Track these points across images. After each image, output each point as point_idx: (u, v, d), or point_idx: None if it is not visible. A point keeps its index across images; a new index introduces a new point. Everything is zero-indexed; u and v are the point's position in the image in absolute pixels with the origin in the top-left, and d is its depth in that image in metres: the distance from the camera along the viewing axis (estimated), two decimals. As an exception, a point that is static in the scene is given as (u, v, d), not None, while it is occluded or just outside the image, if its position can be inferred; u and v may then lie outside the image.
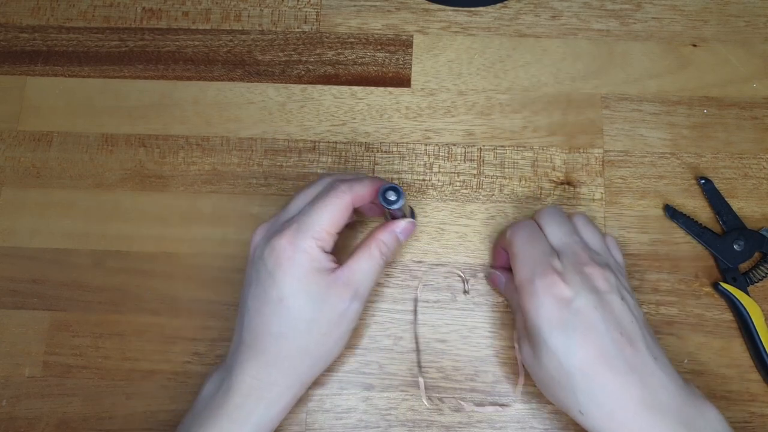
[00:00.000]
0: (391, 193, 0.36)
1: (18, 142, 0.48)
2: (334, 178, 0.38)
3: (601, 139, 0.48)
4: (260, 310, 0.35)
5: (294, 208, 0.37)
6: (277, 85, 0.49)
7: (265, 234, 0.37)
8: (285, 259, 0.34)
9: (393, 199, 0.36)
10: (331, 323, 0.36)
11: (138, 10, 0.51)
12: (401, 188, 0.36)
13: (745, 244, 0.44)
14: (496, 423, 0.42)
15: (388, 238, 0.38)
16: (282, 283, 0.34)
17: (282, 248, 0.35)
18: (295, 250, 0.35)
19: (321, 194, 0.37)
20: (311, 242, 0.35)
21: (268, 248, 0.35)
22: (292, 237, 0.35)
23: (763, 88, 0.48)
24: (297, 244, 0.35)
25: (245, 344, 0.36)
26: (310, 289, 0.35)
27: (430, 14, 0.50)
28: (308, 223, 0.35)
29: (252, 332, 0.35)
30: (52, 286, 0.45)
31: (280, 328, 0.35)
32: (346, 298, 0.36)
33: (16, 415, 0.43)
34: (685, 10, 0.50)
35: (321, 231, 0.35)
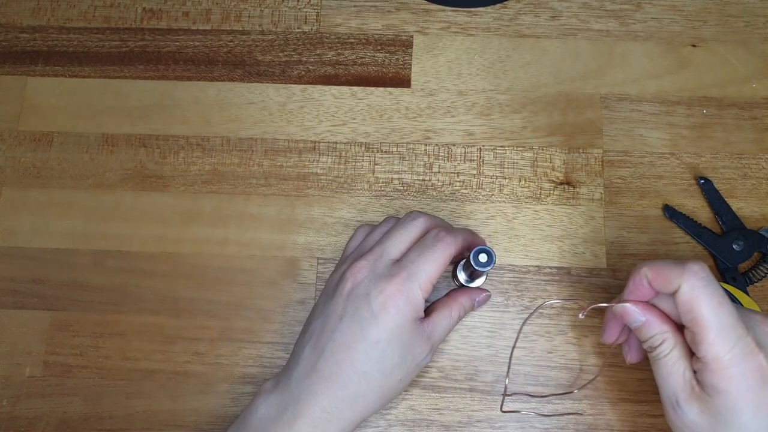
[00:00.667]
0: (483, 256, 0.38)
1: (18, 142, 0.48)
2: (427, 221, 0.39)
3: (601, 139, 0.48)
4: (352, 346, 0.35)
5: (394, 249, 0.38)
6: (277, 85, 0.49)
7: (370, 274, 0.37)
8: (392, 305, 0.35)
9: (484, 261, 0.38)
10: (408, 370, 0.37)
11: (138, 10, 0.51)
12: (494, 252, 0.38)
13: (745, 244, 0.44)
14: (495, 423, 0.42)
15: (468, 304, 0.41)
16: (383, 327, 0.35)
17: (391, 294, 0.35)
18: (402, 298, 0.36)
19: (428, 243, 0.37)
20: (418, 293, 0.36)
21: (376, 289, 0.36)
22: (401, 285, 0.36)
23: (762, 88, 0.48)
24: (405, 292, 0.36)
25: (322, 376, 0.35)
26: (404, 337, 0.36)
27: (430, 14, 0.51)
28: (418, 273, 0.36)
29: (335, 366, 0.35)
30: (52, 286, 0.45)
31: (368, 368, 0.35)
32: (426, 350, 0.37)
33: (16, 414, 0.43)
34: (684, 11, 0.50)
35: (427, 282, 0.36)
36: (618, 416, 0.42)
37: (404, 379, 0.37)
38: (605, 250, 0.45)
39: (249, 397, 0.43)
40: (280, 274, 0.45)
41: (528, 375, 0.43)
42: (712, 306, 0.31)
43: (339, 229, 0.46)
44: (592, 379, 0.42)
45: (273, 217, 0.46)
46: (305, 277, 0.45)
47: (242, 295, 0.45)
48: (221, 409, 0.43)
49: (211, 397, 0.43)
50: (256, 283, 0.45)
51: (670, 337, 0.34)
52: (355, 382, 0.35)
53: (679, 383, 0.33)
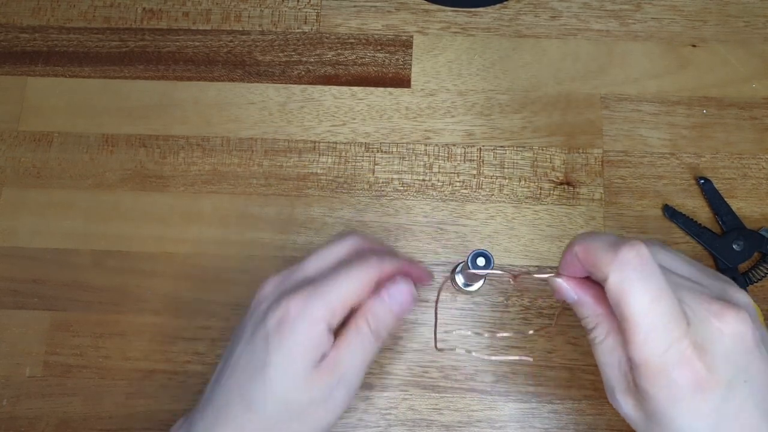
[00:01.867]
0: (481, 259, 0.35)
1: (18, 143, 0.48)
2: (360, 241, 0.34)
3: (601, 139, 0.48)
4: (242, 373, 0.31)
5: (312, 267, 0.33)
6: (277, 85, 0.49)
7: (275, 289, 0.33)
8: (287, 325, 0.30)
9: (481, 265, 0.35)
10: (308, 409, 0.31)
11: (138, 10, 0.51)
12: (491, 255, 0.35)
13: (745, 244, 0.44)
14: (495, 423, 0.42)
15: (380, 310, 0.32)
16: (274, 350, 0.30)
17: (289, 311, 0.30)
18: (300, 317, 0.30)
19: (347, 261, 0.32)
20: (322, 312, 0.30)
21: (274, 306, 0.31)
22: (303, 301, 0.30)
23: (762, 89, 0.48)
24: (306, 310, 0.30)
25: (213, 405, 0.32)
26: (298, 367, 0.30)
27: (430, 15, 0.51)
28: (325, 289, 0.31)
29: (224, 394, 0.31)
30: (52, 286, 0.45)
31: (254, 399, 0.30)
32: (328, 384, 0.31)
33: (16, 414, 0.43)
34: (684, 11, 0.50)
35: (335, 302, 0.31)
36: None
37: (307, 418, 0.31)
38: (605, 250, 0.45)
39: (249, 397, 0.43)
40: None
41: (528, 375, 0.43)
42: (644, 302, 0.26)
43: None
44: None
45: (273, 217, 0.46)
46: (305, 277, 0.45)
47: (242, 295, 0.45)
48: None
49: (211, 397, 0.43)
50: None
51: (603, 322, 0.29)
52: (240, 415, 0.31)
53: (614, 375, 0.29)
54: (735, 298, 0.28)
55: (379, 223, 0.46)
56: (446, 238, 0.46)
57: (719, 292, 0.28)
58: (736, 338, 0.27)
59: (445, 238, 0.46)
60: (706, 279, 0.29)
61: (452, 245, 0.45)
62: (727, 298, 0.28)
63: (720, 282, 0.29)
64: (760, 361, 0.27)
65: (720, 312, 0.27)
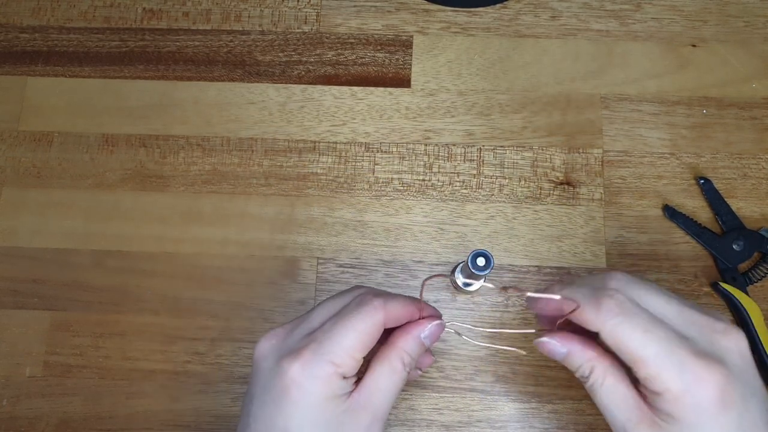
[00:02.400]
0: (481, 260, 0.35)
1: (18, 142, 0.48)
2: (366, 289, 0.33)
3: (601, 139, 0.48)
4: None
5: (316, 319, 0.32)
6: (277, 85, 0.49)
7: (277, 348, 0.31)
8: (295, 388, 0.29)
9: (482, 265, 0.35)
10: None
11: (138, 10, 0.51)
12: (491, 256, 0.35)
13: (745, 244, 0.44)
14: (495, 423, 0.42)
15: (412, 347, 0.32)
16: (289, 415, 0.29)
17: (293, 376, 0.29)
18: (308, 378, 0.29)
19: (349, 307, 0.31)
20: (328, 368, 0.29)
21: (277, 369, 0.30)
22: (306, 361, 0.29)
23: (762, 89, 0.48)
24: (311, 370, 0.29)
25: None
26: (322, 420, 0.29)
27: (430, 15, 0.51)
28: (328, 344, 0.29)
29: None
30: (52, 286, 0.45)
31: None
32: (362, 424, 0.30)
33: (16, 414, 0.43)
34: (684, 11, 0.50)
35: (343, 355, 0.29)
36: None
37: None
38: (605, 250, 0.45)
39: (249, 397, 0.43)
40: (280, 274, 0.45)
41: (528, 375, 0.43)
42: (637, 336, 0.28)
43: (339, 229, 0.46)
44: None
45: (273, 217, 0.46)
46: (305, 277, 0.45)
47: (242, 295, 0.45)
48: (221, 409, 0.43)
49: (211, 397, 0.43)
50: (256, 283, 0.45)
51: (597, 365, 0.30)
52: None
53: (623, 413, 0.29)
54: (725, 320, 0.29)
55: (379, 223, 0.46)
56: (446, 238, 0.46)
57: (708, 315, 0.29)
58: (740, 354, 0.28)
59: (445, 238, 0.46)
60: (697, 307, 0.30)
61: (452, 245, 0.45)
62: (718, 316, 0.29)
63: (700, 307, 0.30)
64: (757, 377, 0.28)
65: (725, 331, 0.28)
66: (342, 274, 0.45)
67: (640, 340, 0.27)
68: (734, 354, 0.28)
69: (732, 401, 0.27)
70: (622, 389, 0.29)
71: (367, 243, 0.46)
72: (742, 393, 0.27)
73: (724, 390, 0.27)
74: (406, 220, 0.46)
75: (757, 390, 0.28)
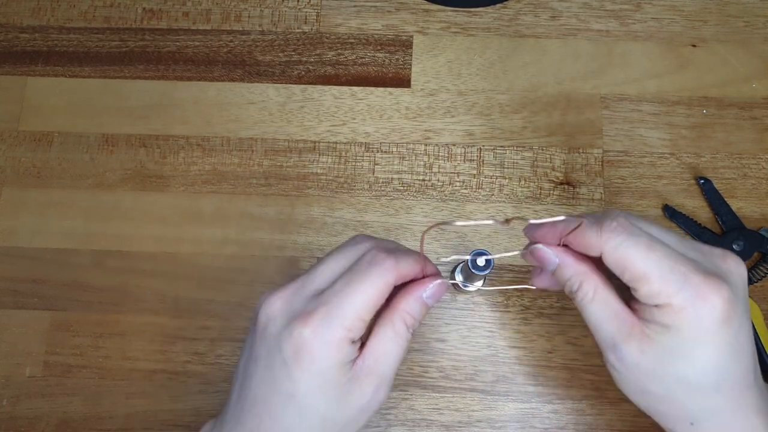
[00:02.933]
0: (481, 260, 0.34)
1: (18, 142, 0.48)
2: (373, 243, 0.32)
3: (601, 139, 0.48)
4: (269, 399, 0.30)
5: (322, 277, 0.31)
6: (277, 85, 0.49)
7: (285, 309, 0.30)
8: (305, 352, 0.29)
9: (482, 265, 0.34)
10: (351, 418, 0.30)
11: (138, 10, 0.51)
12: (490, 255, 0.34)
13: (745, 244, 0.44)
14: (495, 423, 0.42)
15: (415, 308, 0.31)
16: (297, 379, 0.29)
17: (304, 340, 0.28)
18: (318, 343, 0.29)
19: (359, 268, 0.30)
20: (340, 333, 0.29)
21: (286, 333, 0.29)
22: (318, 326, 0.29)
23: (762, 88, 0.48)
24: (322, 335, 0.28)
25: (246, 427, 0.31)
26: (328, 386, 0.29)
27: (430, 15, 0.51)
28: (340, 307, 0.29)
29: (257, 418, 0.30)
30: (52, 286, 0.45)
31: (289, 422, 0.30)
32: (369, 390, 0.30)
33: (16, 414, 0.43)
34: (684, 11, 0.50)
35: (354, 319, 0.29)
36: (618, 416, 0.42)
37: (348, 426, 0.31)
38: (605, 250, 0.45)
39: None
40: (280, 274, 0.45)
41: (528, 375, 0.43)
42: (641, 255, 0.28)
43: (339, 229, 0.46)
44: None
45: (273, 217, 0.46)
46: (305, 277, 0.45)
47: (242, 295, 0.45)
48: (221, 409, 0.43)
49: (211, 397, 0.43)
50: (256, 283, 0.45)
51: (587, 279, 0.30)
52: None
53: (613, 326, 0.30)
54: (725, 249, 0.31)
55: (379, 223, 0.46)
56: (446, 238, 0.46)
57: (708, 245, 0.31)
58: (741, 277, 0.29)
59: (445, 238, 0.46)
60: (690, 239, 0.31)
61: (452, 245, 0.45)
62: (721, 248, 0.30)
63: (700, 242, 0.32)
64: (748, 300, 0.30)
65: (725, 255, 0.29)
66: (342, 274, 0.45)
67: (643, 258, 0.28)
68: (735, 276, 0.29)
69: (731, 319, 0.28)
70: (612, 304, 0.30)
71: (367, 243, 0.46)
72: (741, 313, 0.28)
73: (726, 308, 0.27)
74: (406, 220, 0.46)
75: (748, 312, 0.29)
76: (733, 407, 0.29)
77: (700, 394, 0.29)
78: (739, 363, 0.29)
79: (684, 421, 0.30)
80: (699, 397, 0.29)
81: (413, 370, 0.43)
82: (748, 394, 0.29)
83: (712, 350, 0.28)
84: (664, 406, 0.30)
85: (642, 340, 0.29)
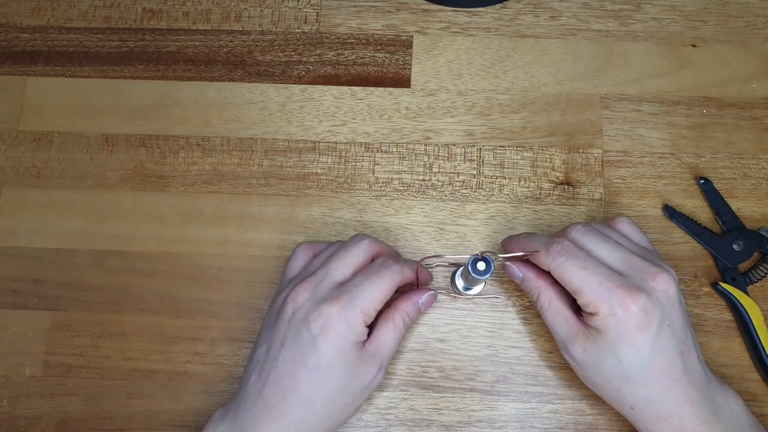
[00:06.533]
0: (481, 264, 0.38)
1: (18, 142, 0.48)
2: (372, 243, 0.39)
3: (601, 139, 0.48)
4: (294, 372, 0.35)
5: (338, 272, 0.38)
6: (277, 85, 0.49)
7: (311, 297, 0.36)
8: (331, 329, 0.35)
9: (482, 269, 0.38)
10: (356, 393, 0.37)
11: (138, 10, 0.51)
12: (492, 259, 0.38)
13: (745, 244, 0.44)
14: (495, 423, 0.42)
15: (411, 309, 0.39)
16: (323, 352, 0.35)
17: (331, 317, 0.35)
18: (342, 322, 0.35)
19: (375, 269, 0.37)
20: (359, 317, 0.36)
21: (315, 312, 0.35)
22: (342, 307, 0.35)
23: (762, 89, 0.48)
24: (346, 315, 0.35)
25: (267, 402, 0.35)
26: (346, 361, 0.36)
27: (430, 15, 0.51)
28: (361, 297, 0.36)
29: (278, 393, 0.35)
30: (52, 286, 0.45)
31: (311, 393, 0.35)
32: (373, 370, 0.37)
33: (16, 414, 0.43)
34: (684, 11, 0.50)
35: (370, 307, 0.36)
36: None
37: (352, 403, 0.37)
38: (605, 250, 0.45)
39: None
40: (280, 274, 0.45)
41: (528, 375, 0.43)
42: (576, 272, 0.36)
43: (339, 229, 0.46)
44: None
45: (273, 217, 0.46)
46: (305, 277, 0.45)
47: (242, 295, 0.45)
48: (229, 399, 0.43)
49: (211, 397, 0.43)
50: (256, 283, 0.45)
51: (544, 291, 0.38)
52: (300, 408, 0.35)
53: (564, 331, 0.38)
54: (662, 264, 0.37)
55: (379, 223, 0.46)
56: (446, 238, 0.46)
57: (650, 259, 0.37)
58: (665, 293, 0.35)
59: (445, 238, 0.46)
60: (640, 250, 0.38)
61: (452, 245, 0.45)
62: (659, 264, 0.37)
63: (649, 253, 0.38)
64: (679, 312, 0.36)
65: (656, 274, 0.36)
66: (342, 274, 0.45)
67: (577, 276, 0.36)
68: (659, 292, 0.35)
69: (648, 325, 0.35)
70: (563, 312, 0.38)
71: (367, 243, 0.46)
72: (659, 322, 0.35)
73: (641, 316, 0.34)
74: (406, 220, 0.46)
75: (674, 323, 0.35)
76: (663, 396, 0.35)
77: (631, 384, 0.35)
78: (662, 359, 0.35)
79: (626, 406, 0.37)
80: (631, 387, 0.36)
81: (413, 370, 0.43)
82: (676, 385, 0.35)
83: (633, 350, 0.35)
84: (608, 393, 0.37)
85: (584, 340, 0.37)
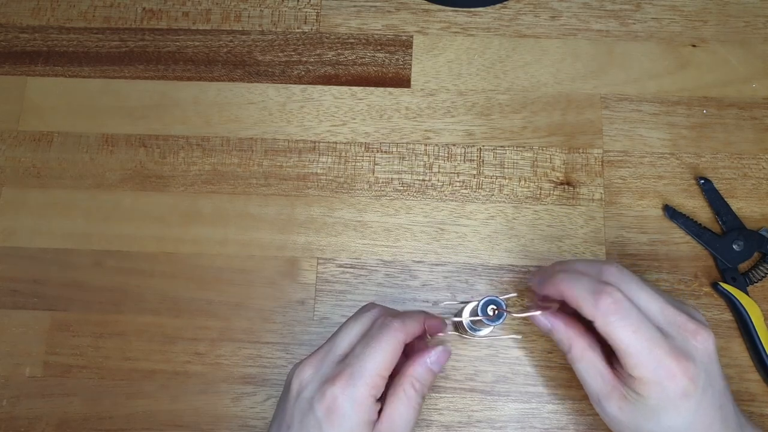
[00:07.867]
0: (492, 308, 0.36)
1: (18, 143, 0.48)
2: (381, 310, 0.37)
3: (601, 139, 0.48)
4: None
5: (343, 343, 0.36)
6: (277, 85, 0.49)
7: (315, 374, 0.35)
8: (336, 412, 0.33)
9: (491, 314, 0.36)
10: None
11: (138, 10, 0.51)
12: (504, 302, 0.36)
13: (745, 244, 0.44)
14: (495, 423, 0.42)
15: (421, 373, 0.36)
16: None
17: (335, 398, 0.33)
18: (347, 402, 0.33)
19: (373, 333, 0.35)
20: (365, 391, 0.33)
21: (319, 394, 0.33)
22: (345, 385, 0.33)
23: (762, 89, 0.48)
24: (351, 394, 0.33)
25: None
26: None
27: (430, 15, 0.51)
28: (363, 368, 0.33)
29: None
30: (52, 286, 0.45)
31: None
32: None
33: (16, 414, 0.43)
34: (684, 11, 0.50)
35: (375, 377, 0.33)
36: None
37: None
38: (605, 250, 0.45)
39: (249, 397, 0.43)
40: (280, 274, 0.45)
41: (528, 375, 0.43)
42: (627, 335, 0.33)
43: (339, 229, 0.46)
44: None
45: (273, 217, 0.46)
46: (305, 277, 0.45)
47: (242, 295, 0.45)
48: (221, 409, 0.43)
49: (211, 397, 0.43)
50: (256, 283, 0.45)
51: (576, 343, 0.35)
52: None
53: (597, 385, 0.35)
54: (701, 319, 0.35)
55: (379, 223, 0.46)
56: (446, 238, 0.46)
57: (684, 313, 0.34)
58: (706, 352, 0.34)
59: (445, 238, 0.46)
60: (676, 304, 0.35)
61: (452, 245, 0.45)
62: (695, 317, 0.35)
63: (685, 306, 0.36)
64: (718, 370, 0.34)
65: (695, 332, 0.34)
66: (342, 274, 0.45)
67: (630, 338, 0.33)
68: (701, 352, 0.33)
69: (692, 392, 0.33)
70: (598, 366, 0.35)
71: (367, 243, 0.46)
72: (703, 385, 0.33)
73: (687, 384, 0.33)
74: (406, 220, 0.46)
75: (715, 381, 0.34)
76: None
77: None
78: (704, 418, 0.33)
79: None
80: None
81: (413, 370, 0.43)
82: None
83: (675, 415, 0.33)
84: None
85: (621, 399, 0.34)
